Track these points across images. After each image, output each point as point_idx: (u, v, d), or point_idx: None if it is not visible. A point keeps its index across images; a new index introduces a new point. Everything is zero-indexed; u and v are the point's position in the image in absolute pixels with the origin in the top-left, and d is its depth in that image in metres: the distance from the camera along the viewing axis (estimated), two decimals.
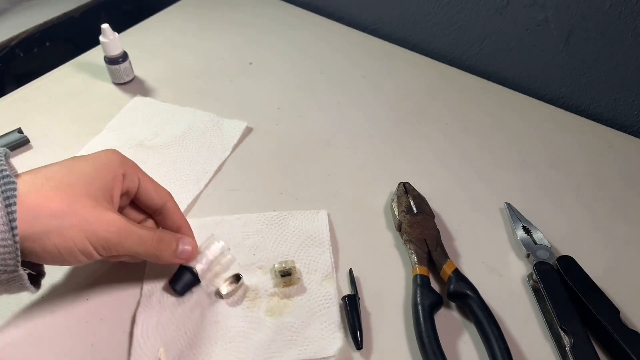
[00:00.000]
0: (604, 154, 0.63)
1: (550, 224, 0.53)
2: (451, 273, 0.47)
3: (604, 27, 0.63)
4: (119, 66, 0.69)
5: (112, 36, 0.67)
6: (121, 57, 0.69)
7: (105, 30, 0.66)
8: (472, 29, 0.74)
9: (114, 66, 0.69)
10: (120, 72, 0.70)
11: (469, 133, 0.65)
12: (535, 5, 0.66)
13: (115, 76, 0.70)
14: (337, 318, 0.44)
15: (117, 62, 0.69)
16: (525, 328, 0.45)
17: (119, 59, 0.69)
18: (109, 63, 0.69)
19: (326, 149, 0.63)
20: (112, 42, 0.67)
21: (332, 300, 0.46)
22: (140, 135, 0.63)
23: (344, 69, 0.75)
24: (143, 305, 0.45)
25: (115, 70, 0.69)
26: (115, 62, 0.69)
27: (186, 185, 0.57)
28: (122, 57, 0.69)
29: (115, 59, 0.69)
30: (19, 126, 0.62)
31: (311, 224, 0.53)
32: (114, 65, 0.69)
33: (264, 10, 0.88)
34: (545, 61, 0.70)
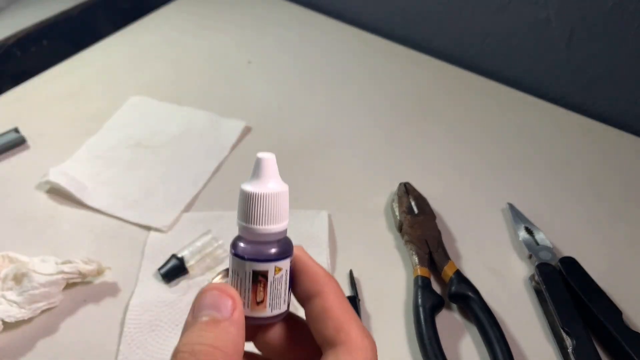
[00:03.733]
0: (606, 153, 0.62)
1: (553, 224, 0.53)
2: (452, 274, 0.46)
3: (606, 26, 0.62)
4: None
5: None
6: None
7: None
8: (473, 27, 0.73)
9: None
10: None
11: (470, 132, 0.65)
12: (537, 4, 0.66)
13: None
14: None
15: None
16: (527, 329, 0.45)
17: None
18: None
19: (326, 149, 0.62)
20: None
21: None
22: (138, 134, 0.63)
23: (344, 67, 0.75)
24: (137, 294, 0.46)
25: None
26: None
27: (184, 186, 0.56)
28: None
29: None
30: (16, 125, 0.62)
31: (311, 224, 0.52)
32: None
33: (263, 9, 0.87)
34: (547, 60, 0.70)
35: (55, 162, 0.58)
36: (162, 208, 0.54)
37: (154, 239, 0.51)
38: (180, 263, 0.47)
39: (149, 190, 0.56)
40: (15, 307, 0.42)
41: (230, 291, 0.23)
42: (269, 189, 0.24)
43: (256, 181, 0.24)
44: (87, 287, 0.47)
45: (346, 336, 0.23)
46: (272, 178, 0.24)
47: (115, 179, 0.57)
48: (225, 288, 0.23)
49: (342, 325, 0.23)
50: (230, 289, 0.23)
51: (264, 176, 0.24)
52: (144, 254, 0.50)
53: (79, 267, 0.45)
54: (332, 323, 0.23)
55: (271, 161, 0.24)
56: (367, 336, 0.24)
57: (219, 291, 0.23)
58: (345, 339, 0.23)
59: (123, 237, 0.51)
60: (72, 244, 0.50)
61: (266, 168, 0.24)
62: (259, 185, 0.24)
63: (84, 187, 0.55)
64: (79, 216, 0.53)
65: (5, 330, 0.43)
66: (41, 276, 0.43)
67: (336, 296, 0.24)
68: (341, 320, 0.23)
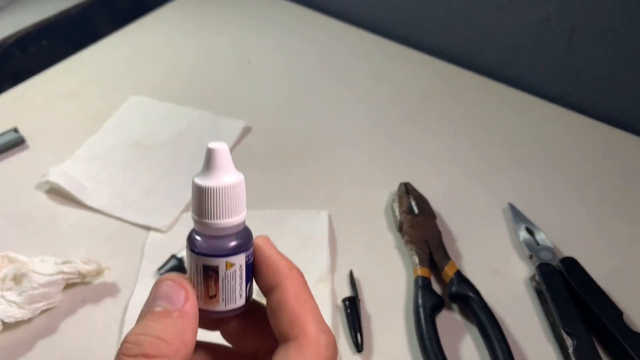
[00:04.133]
0: (607, 153, 0.62)
1: (553, 224, 0.53)
2: (453, 274, 0.46)
3: (606, 25, 0.62)
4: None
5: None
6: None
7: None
8: (473, 27, 0.73)
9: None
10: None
11: (470, 132, 0.65)
12: (537, 4, 0.66)
13: None
14: (329, 322, 0.44)
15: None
16: (527, 330, 0.45)
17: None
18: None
19: (326, 149, 0.62)
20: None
21: (324, 303, 0.45)
22: (138, 134, 0.62)
23: (344, 67, 0.75)
24: (137, 294, 0.46)
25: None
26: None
27: (184, 186, 0.56)
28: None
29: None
30: (15, 125, 0.61)
31: (311, 224, 0.52)
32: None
33: (263, 8, 0.87)
34: (547, 60, 0.69)
35: (54, 162, 0.58)
36: (162, 208, 0.54)
37: (154, 239, 0.51)
38: (179, 263, 0.47)
39: (148, 190, 0.56)
40: (14, 307, 0.42)
41: (184, 283, 0.23)
42: (220, 182, 0.23)
43: (208, 173, 0.23)
44: (87, 287, 0.47)
45: (300, 331, 0.22)
46: (225, 169, 0.23)
47: (115, 179, 0.57)
48: (180, 279, 0.23)
49: (297, 319, 0.22)
50: (184, 281, 0.23)
51: (216, 168, 0.23)
52: (143, 254, 0.49)
53: (78, 267, 0.45)
54: (286, 317, 0.22)
55: (223, 151, 0.23)
56: (324, 332, 0.22)
57: (173, 282, 0.23)
58: (298, 334, 0.22)
59: (123, 237, 0.51)
60: (71, 244, 0.50)
61: (218, 159, 0.23)
62: (211, 178, 0.23)
63: (84, 187, 0.55)
64: (78, 216, 0.53)
65: (5, 331, 0.42)
66: (41, 276, 0.43)
67: (294, 290, 0.23)
68: (296, 315, 0.22)
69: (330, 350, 0.22)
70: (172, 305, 0.22)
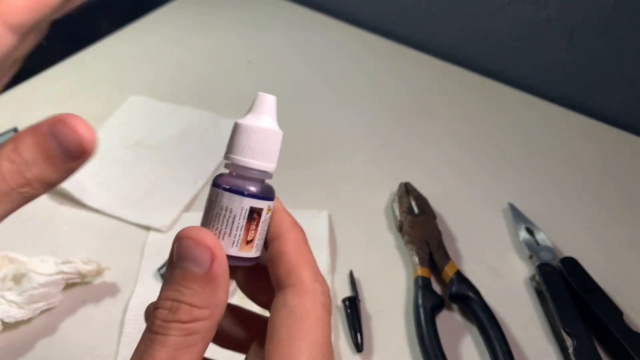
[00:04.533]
0: (606, 153, 0.62)
1: (553, 224, 0.53)
2: (453, 275, 0.46)
3: (607, 25, 0.62)
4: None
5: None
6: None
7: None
8: (474, 26, 0.73)
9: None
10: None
11: (470, 132, 0.65)
12: (537, 4, 0.66)
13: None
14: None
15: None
16: (527, 330, 0.45)
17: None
18: None
19: (326, 149, 0.62)
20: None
21: None
22: (138, 134, 0.62)
23: (345, 67, 0.75)
24: (137, 294, 0.46)
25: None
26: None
27: (184, 186, 0.56)
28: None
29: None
30: (15, 125, 0.61)
31: (311, 225, 0.52)
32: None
33: (263, 8, 0.87)
34: (547, 59, 0.69)
35: None
36: (162, 208, 0.54)
37: (154, 239, 0.51)
38: None
39: (148, 190, 0.56)
40: (14, 307, 0.42)
41: (207, 240, 0.21)
42: (273, 126, 0.23)
43: (257, 116, 0.23)
44: (87, 287, 0.47)
45: (297, 279, 0.23)
46: (273, 117, 0.23)
47: (115, 179, 0.57)
48: (203, 236, 0.21)
49: (294, 268, 0.23)
50: (208, 237, 0.21)
51: (265, 112, 0.23)
52: (143, 254, 0.49)
53: (78, 267, 0.45)
54: (284, 266, 0.23)
55: (273, 100, 0.24)
56: (319, 280, 0.23)
57: (195, 241, 0.21)
58: (295, 282, 0.23)
59: (123, 237, 0.51)
60: (71, 244, 0.50)
61: (269, 106, 0.23)
62: (261, 119, 0.23)
63: (84, 187, 0.55)
64: (78, 216, 0.53)
65: (5, 331, 0.42)
66: (41, 276, 0.43)
67: (295, 242, 0.24)
68: (293, 264, 0.23)
69: (325, 297, 0.23)
70: (198, 267, 0.21)
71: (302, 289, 0.22)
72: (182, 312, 0.21)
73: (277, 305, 0.23)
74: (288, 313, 0.22)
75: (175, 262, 0.21)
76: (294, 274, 0.23)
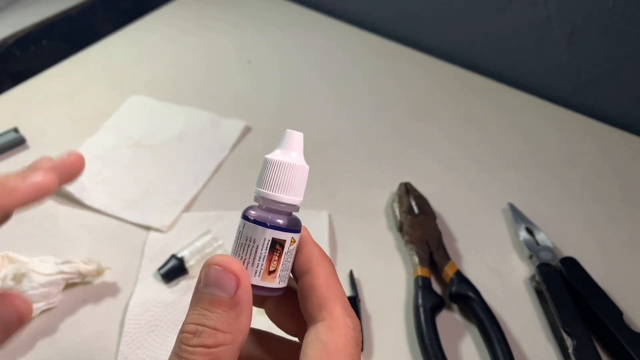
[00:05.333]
0: (606, 153, 0.62)
1: (553, 224, 0.53)
2: (453, 274, 0.46)
3: (607, 25, 0.62)
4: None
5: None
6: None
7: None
8: (474, 27, 0.73)
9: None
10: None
11: (471, 133, 0.65)
12: (538, 4, 0.66)
13: None
14: None
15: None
16: (527, 330, 0.45)
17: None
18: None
19: (326, 149, 0.62)
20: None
21: None
22: (138, 134, 0.62)
23: (345, 67, 0.75)
24: (137, 295, 0.46)
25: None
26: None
27: (184, 185, 0.56)
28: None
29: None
30: (15, 125, 0.61)
31: (311, 224, 0.52)
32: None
33: (263, 8, 0.87)
34: (547, 60, 0.69)
35: None
36: (162, 208, 0.54)
37: (154, 239, 0.51)
38: (180, 263, 0.47)
39: (149, 190, 0.56)
40: None
41: (234, 267, 0.22)
42: (301, 162, 0.25)
43: (286, 152, 0.25)
44: (87, 287, 0.47)
45: (328, 314, 0.23)
46: (300, 153, 0.25)
47: (115, 179, 0.57)
48: (229, 263, 0.22)
49: (325, 302, 0.23)
50: (234, 264, 0.22)
51: (293, 149, 0.25)
52: (143, 254, 0.49)
53: (78, 267, 0.45)
54: (316, 300, 0.24)
55: (301, 137, 0.25)
56: (350, 315, 0.24)
57: (222, 267, 0.22)
58: (326, 316, 0.23)
59: (123, 237, 0.51)
60: (71, 244, 0.50)
61: (297, 143, 0.25)
62: (290, 156, 0.25)
63: (84, 187, 0.55)
64: (78, 216, 0.53)
65: None
66: (41, 276, 0.43)
67: (325, 275, 0.24)
68: (325, 298, 0.24)
69: (356, 332, 0.23)
70: (223, 292, 0.22)
71: (334, 325, 0.23)
72: (206, 336, 0.21)
73: (309, 339, 0.23)
74: (321, 347, 0.22)
75: (201, 288, 0.22)
76: (326, 309, 0.23)
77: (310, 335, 0.23)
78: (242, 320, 0.22)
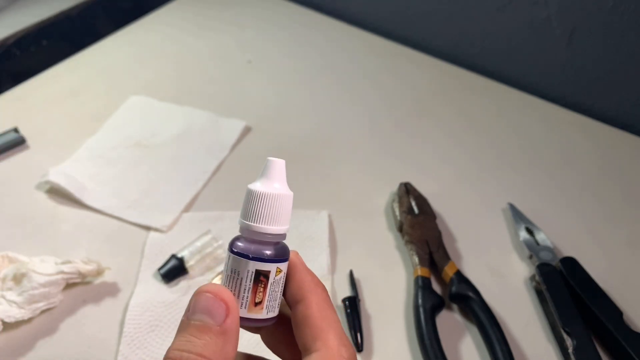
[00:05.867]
0: (606, 153, 0.62)
1: (553, 224, 0.53)
2: (453, 274, 0.46)
3: (606, 25, 0.62)
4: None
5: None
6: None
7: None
8: (474, 26, 0.73)
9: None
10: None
11: (471, 132, 0.65)
12: (537, 4, 0.66)
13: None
14: None
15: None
16: (527, 330, 0.45)
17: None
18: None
19: (326, 149, 0.62)
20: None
21: None
22: (138, 134, 0.62)
23: (345, 67, 0.75)
24: (137, 294, 0.46)
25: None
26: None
27: (184, 185, 0.56)
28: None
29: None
30: (15, 125, 0.61)
31: (311, 224, 0.52)
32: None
33: (263, 9, 0.87)
34: (547, 59, 0.69)
35: (55, 162, 0.58)
36: (162, 208, 0.54)
37: (154, 239, 0.51)
38: (180, 263, 0.47)
39: (149, 190, 0.56)
40: (15, 307, 0.42)
41: (224, 295, 0.22)
42: (283, 191, 0.24)
43: (268, 182, 0.24)
44: (87, 287, 0.47)
45: (322, 344, 0.23)
46: (282, 181, 0.24)
47: (115, 179, 0.57)
48: (220, 292, 0.22)
49: (319, 333, 0.23)
50: (224, 293, 0.22)
51: (275, 178, 0.24)
52: (143, 254, 0.49)
53: (78, 267, 0.45)
54: (310, 331, 0.23)
55: (282, 165, 0.25)
56: (345, 344, 0.23)
57: (213, 295, 0.22)
58: (320, 347, 0.23)
59: (123, 237, 0.51)
60: (71, 244, 0.50)
61: (279, 171, 0.25)
62: (272, 186, 0.24)
63: (84, 187, 0.55)
64: (78, 216, 0.53)
65: (5, 331, 0.42)
66: (41, 276, 0.43)
67: (318, 304, 0.24)
68: (319, 329, 0.23)
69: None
70: (212, 320, 0.22)
71: (328, 355, 0.23)
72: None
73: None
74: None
75: (190, 315, 0.22)
76: (320, 340, 0.23)
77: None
78: (228, 349, 0.22)
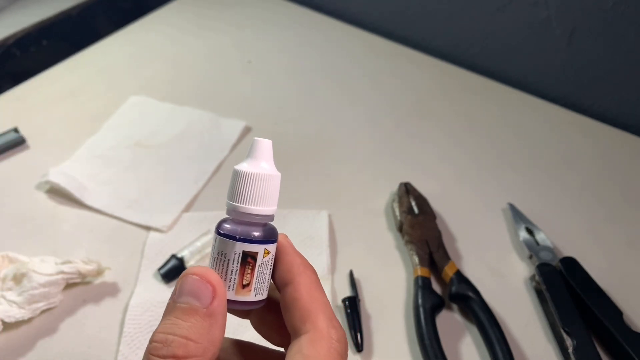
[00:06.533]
0: (606, 153, 0.62)
1: (553, 224, 0.53)
2: (453, 274, 0.46)
3: (606, 25, 0.62)
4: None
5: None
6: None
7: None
8: (474, 27, 0.73)
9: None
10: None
11: (471, 132, 0.65)
12: (537, 4, 0.66)
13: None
14: None
15: None
16: (527, 330, 0.45)
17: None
18: None
19: (326, 149, 0.62)
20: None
21: None
22: (138, 134, 0.62)
23: (345, 67, 0.75)
24: (137, 295, 0.46)
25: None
26: None
27: (184, 186, 0.56)
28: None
29: None
30: (16, 125, 0.61)
31: (311, 224, 0.52)
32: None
33: (263, 9, 0.87)
34: (547, 60, 0.69)
35: (55, 162, 0.58)
36: (162, 208, 0.54)
37: (154, 239, 0.51)
38: (180, 263, 0.47)
39: (149, 190, 0.56)
40: (15, 307, 0.42)
41: (211, 277, 0.22)
42: (270, 171, 0.24)
43: (254, 162, 0.24)
44: (87, 287, 0.47)
45: (311, 326, 0.22)
46: (269, 161, 0.24)
47: (115, 179, 0.57)
48: (207, 274, 0.22)
49: (308, 315, 0.23)
50: (211, 275, 0.22)
51: (262, 158, 0.24)
52: (143, 254, 0.49)
53: (78, 267, 0.45)
54: (299, 313, 0.23)
55: (269, 145, 0.24)
56: (335, 327, 0.23)
57: (199, 277, 0.22)
58: (309, 329, 0.22)
59: (123, 237, 0.51)
60: (71, 244, 0.50)
61: (266, 151, 0.24)
62: (258, 166, 0.24)
63: (84, 187, 0.55)
64: (78, 216, 0.53)
65: (5, 331, 0.42)
66: (41, 276, 0.43)
67: (307, 286, 0.24)
68: (308, 310, 0.23)
69: (341, 344, 0.23)
70: (198, 302, 0.21)
71: (317, 337, 0.22)
72: (176, 345, 0.20)
73: (292, 353, 0.22)
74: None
75: (176, 297, 0.22)
76: (309, 321, 0.23)
77: (293, 348, 0.22)
78: (215, 331, 0.21)
